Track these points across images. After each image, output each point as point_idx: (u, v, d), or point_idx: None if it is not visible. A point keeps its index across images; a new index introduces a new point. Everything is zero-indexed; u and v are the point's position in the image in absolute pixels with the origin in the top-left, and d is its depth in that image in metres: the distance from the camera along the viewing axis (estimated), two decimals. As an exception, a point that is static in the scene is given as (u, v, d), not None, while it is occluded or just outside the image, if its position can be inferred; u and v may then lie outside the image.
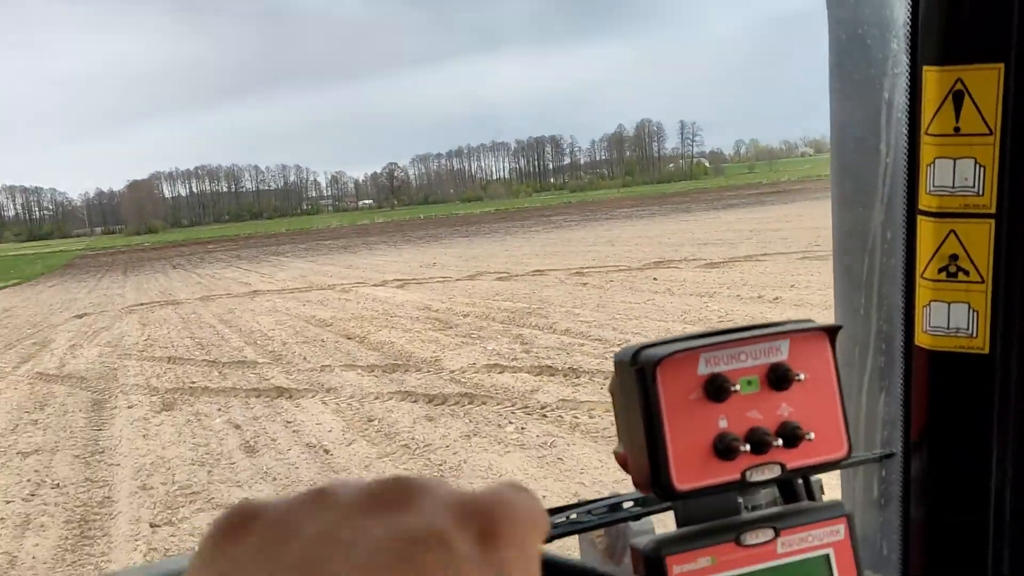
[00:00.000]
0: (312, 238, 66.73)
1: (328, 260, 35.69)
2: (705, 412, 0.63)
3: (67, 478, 6.09)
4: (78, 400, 8.70)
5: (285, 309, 16.81)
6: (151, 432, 7.15)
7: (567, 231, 40.78)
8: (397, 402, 7.51)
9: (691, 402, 0.63)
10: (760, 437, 0.63)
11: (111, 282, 34.40)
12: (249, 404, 7.88)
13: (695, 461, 0.62)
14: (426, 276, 22.16)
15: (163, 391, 8.82)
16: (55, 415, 8.06)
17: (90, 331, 16.05)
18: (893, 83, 0.84)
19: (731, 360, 0.64)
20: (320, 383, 8.47)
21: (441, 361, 9.20)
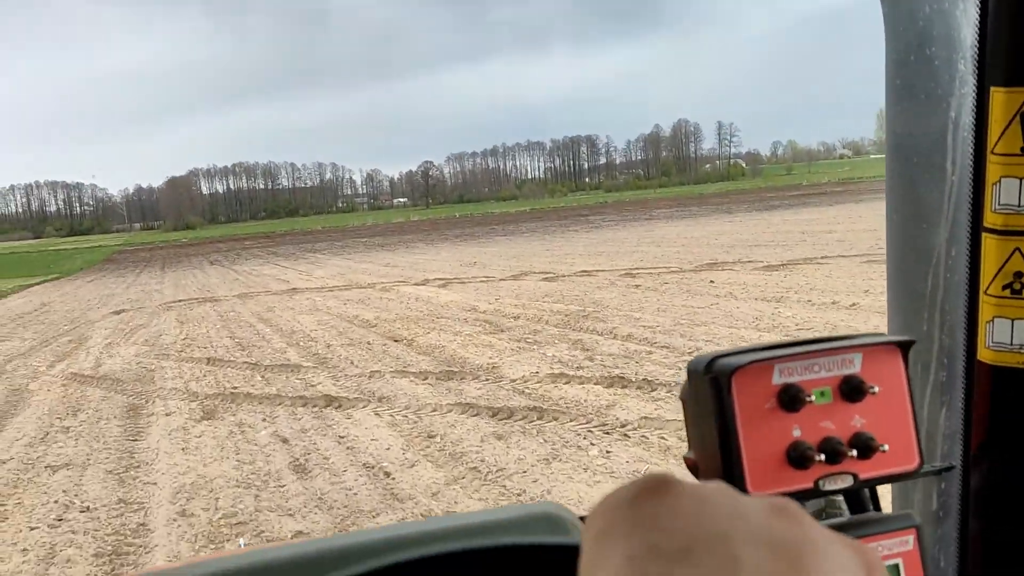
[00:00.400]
0: (348, 235, 66.60)
1: (366, 258, 35.25)
2: (779, 421, 0.64)
3: (98, 499, 5.47)
4: (113, 405, 8.13)
5: (326, 308, 16.23)
6: (191, 445, 6.52)
7: (608, 231, 40.02)
8: (458, 415, 6.81)
9: (765, 411, 0.64)
10: (834, 447, 0.64)
11: (149, 277, 34.24)
12: (296, 414, 7.23)
13: (769, 469, 0.63)
14: (468, 275, 21.52)
15: (203, 396, 8.22)
16: (88, 422, 7.48)
17: (127, 328, 15.60)
18: (960, 103, 0.85)
19: (805, 371, 0.65)
20: (371, 391, 7.80)
21: (499, 368, 8.49)
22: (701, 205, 64.48)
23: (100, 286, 31.42)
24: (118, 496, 5.51)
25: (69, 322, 17.94)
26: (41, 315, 20.40)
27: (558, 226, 50.66)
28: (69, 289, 31.08)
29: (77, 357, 12.01)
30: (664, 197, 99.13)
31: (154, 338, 13.64)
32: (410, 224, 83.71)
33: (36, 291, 31.63)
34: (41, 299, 26.78)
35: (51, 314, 20.51)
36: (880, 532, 0.66)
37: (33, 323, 18.42)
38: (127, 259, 57.54)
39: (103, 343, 13.49)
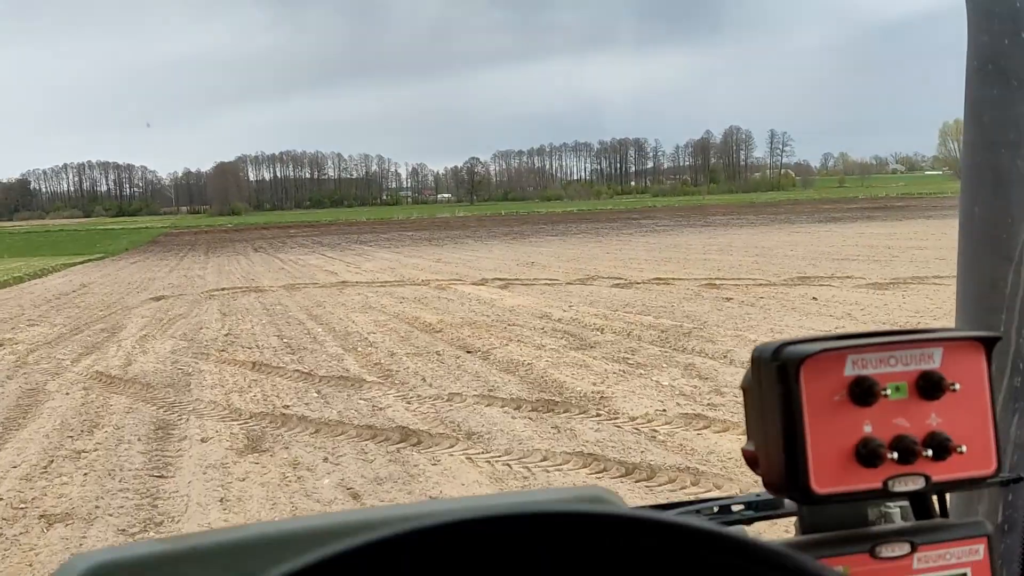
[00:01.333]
0: (393, 228, 65.42)
1: (414, 252, 33.85)
2: (849, 415, 0.61)
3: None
4: (139, 421, 6.66)
5: (380, 306, 14.74)
6: (232, 493, 4.96)
7: (665, 236, 38.22)
8: (581, 470, 5.19)
9: (835, 404, 0.61)
10: (908, 446, 0.61)
11: (192, 262, 33.19)
12: (366, 453, 5.66)
13: (835, 465, 0.60)
14: (529, 277, 19.92)
15: (247, 416, 6.71)
16: (105, 445, 5.99)
17: (165, 318, 14.25)
18: None
19: (880, 364, 0.62)
20: (457, 424, 6.22)
21: (610, 400, 6.86)
22: (757, 214, 62.39)
23: (142, 268, 30.41)
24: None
25: (105, 307, 16.69)
26: (78, 297, 19.23)
27: (610, 228, 48.99)
28: (111, 270, 30.11)
29: (106, 351, 10.63)
30: (715, 204, 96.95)
31: (193, 332, 12.24)
32: (455, 219, 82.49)
33: (78, 271, 30.72)
34: (82, 279, 25.75)
35: (88, 296, 19.32)
36: (948, 540, 0.62)
37: (68, 306, 17.21)
38: (172, 242, 56.94)
39: (137, 334, 12.12)
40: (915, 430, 0.61)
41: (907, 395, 0.62)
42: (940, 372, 0.62)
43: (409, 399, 7.10)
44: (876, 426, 0.61)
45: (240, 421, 6.53)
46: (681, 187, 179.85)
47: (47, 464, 5.42)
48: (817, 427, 0.60)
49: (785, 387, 0.60)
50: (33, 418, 6.88)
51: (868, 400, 0.61)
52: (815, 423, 0.60)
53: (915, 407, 0.62)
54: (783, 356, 0.60)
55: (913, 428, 0.61)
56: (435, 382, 7.80)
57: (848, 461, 0.61)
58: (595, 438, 5.80)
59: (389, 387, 7.66)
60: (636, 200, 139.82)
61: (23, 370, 9.36)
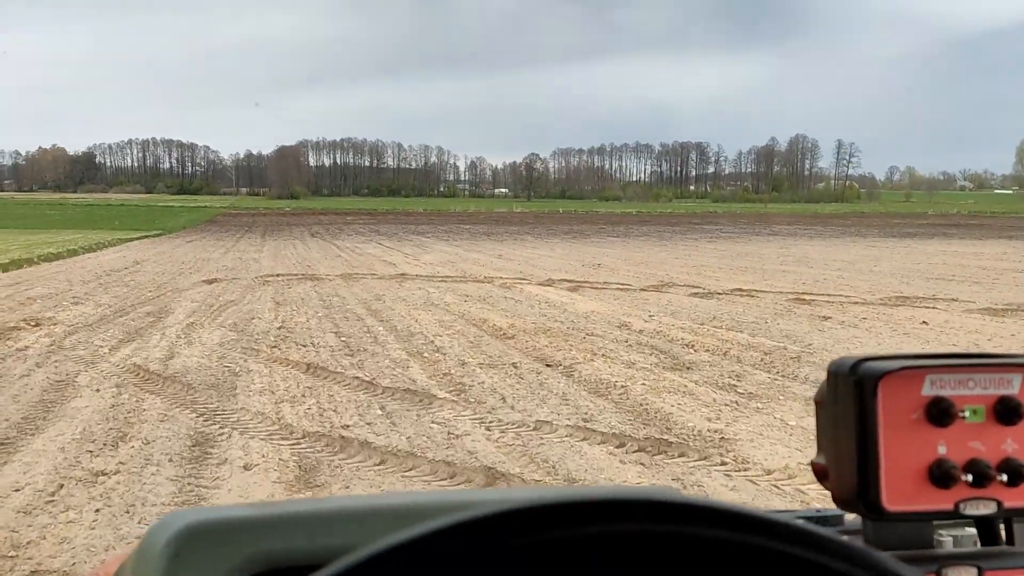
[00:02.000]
0: (451, 220, 64.58)
1: (474, 246, 32.82)
2: (924, 435, 0.60)
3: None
4: (173, 433, 5.63)
5: (444, 304, 13.69)
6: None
7: (732, 243, 36.62)
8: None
9: (911, 422, 0.60)
10: (982, 469, 0.60)
11: (249, 244, 32.64)
12: (442, 499, 4.58)
13: (908, 484, 0.60)
14: (598, 280, 18.71)
15: (299, 435, 5.64)
16: (129, 469, 4.87)
17: (216, 304, 13.38)
18: None
19: (958, 385, 0.61)
20: (552, 465, 5.05)
21: (733, 443, 5.65)
22: (824, 225, 60.17)
23: (198, 248, 29.92)
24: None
25: (155, 287, 15.93)
26: (129, 275, 18.57)
27: (672, 232, 47.45)
28: (166, 248, 29.68)
29: (149, 339, 9.71)
30: (778, 212, 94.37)
31: (244, 322, 11.30)
32: (513, 215, 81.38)
33: (134, 247, 30.37)
34: (136, 256, 25.27)
35: (140, 275, 18.66)
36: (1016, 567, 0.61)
37: (117, 284, 16.51)
38: (230, 222, 56.92)
39: (184, 321, 11.23)
40: (990, 454, 0.60)
41: (984, 419, 0.60)
42: (1018, 398, 0.61)
43: (489, 425, 5.97)
44: (951, 448, 0.60)
45: (291, 442, 5.46)
46: (742, 194, 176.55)
47: (55, 490, 4.38)
48: (891, 445, 0.59)
49: (861, 403, 0.59)
50: (53, 420, 5.90)
51: (944, 421, 0.60)
52: (890, 440, 0.59)
53: (991, 431, 0.60)
54: (861, 371, 0.59)
55: (988, 452, 0.60)
56: (517, 403, 6.65)
57: (921, 481, 0.59)
58: (731, 498, 4.60)
59: (464, 406, 6.53)
60: (696, 204, 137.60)
61: (55, 357, 8.46)
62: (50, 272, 19.10)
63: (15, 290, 15.18)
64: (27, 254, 24.18)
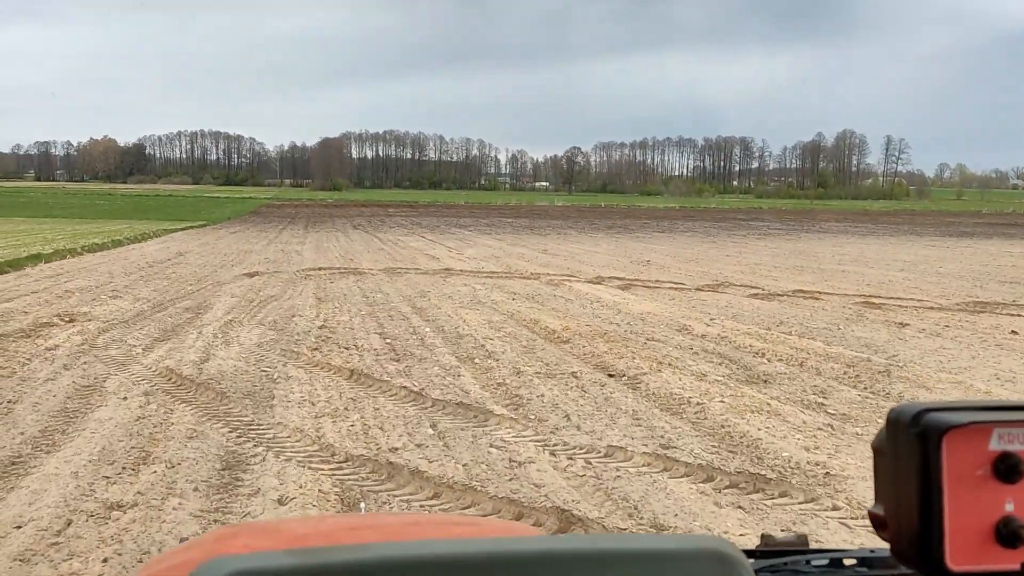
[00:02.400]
0: (492, 213, 64.00)
1: (517, 240, 32.16)
2: (991, 492, 0.58)
3: None
4: (201, 456, 5.00)
5: (491, 302, 13.03)
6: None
7: (782, 240, 35.45)
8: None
9: (977, 478, 0.58)
10: None
11: (291, 236, 32.33)
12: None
13: (973, 543, 0.58)
14: (650, 278, 17.91)
15: (341, 458, 5.00)
16: (149, 501, 4.19)
17: (256, 299, 12.87)
18: None
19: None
20: (635, 506, 4.32)
21: (840, 480, 4.88)
22: (874, 222, 58.36)
23: (241, 239, 29.67)
24: None
25: (195, 281, 15.51)
26: (170, 268, 18.22)
27: (719, 228, 46.27)
28: (210, 239, 29.47)
29: (184, 338, 9.18)
30: (825, 209, 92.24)
31: (284, 319, 10.75)
32: (555, 208, 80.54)
33: (178, 237, 30.22)
34: (179, 247, 25.03)
35: (181, 267, 18.30)
36: None
37: (157, 277, 16.13)
38: (273, 213, 56.95)
39: (223, 318, 10.71)
40: None
41: None
42: None
43: (555, 450, 5.27)
44: (1019, 505, 0.58)
45: (332, 468, 4.81)
46: (787, 190, 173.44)
47: (62, 528, 3.76)
48: (956, 501, 0.57)
49: (924, 457, 0.57)
50: (72, 435, 5.33)
51: (1013, 478, 0.57)
52: (954, 496, 0.57)
53: None
54: (924, 423, 0.58)
55: None
56: (583, 423, 5.94)
57: (987, 540, 0.57)
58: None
59: (524, 425, 5.84)
60: (740, 200, 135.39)
61: (85, 358, 7.95)
62: (93, 263, 18.84)
63: (55, 282, 14.85)
64: (72, 244, 24.06)
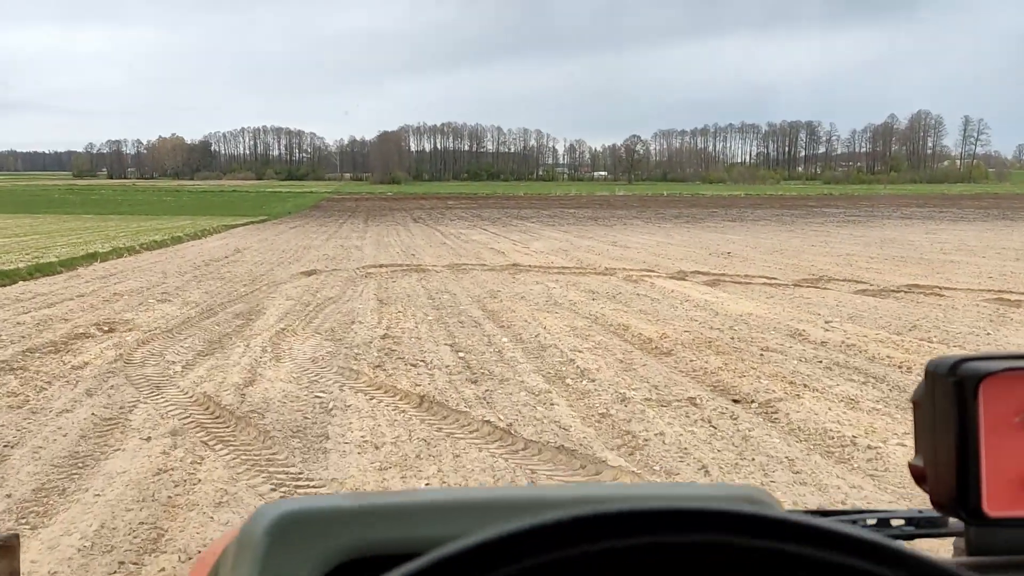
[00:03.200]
0: (553, 204, 62.59)
1: (583, 232, 30.73)
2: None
3: None
4: (228, 513, 3.81)
5: (569, 303, 11.71)
6: None
7: (865, 228, 33.28)
8: None
9: (1015, 425, 0.58)
10: None
11: (351, 230, 31.48)
12: None
13: (1010, 488, 0.58)
14: (737, 272, 16.36)
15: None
16: None
17: (313, 302, 11.78)
18: None
19: None
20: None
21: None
22: (959, 207, 55.05)
23: (300, 234, 28.90)
24: None
25: (250, 281, 14.53)
26: (227, 266, 17.33)
27: (792, 216, 44.07)
28: (270, 235, 28.76)
29: (231, 352, 8.06)
30: (900, 194, 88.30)
31: (343, 327, 9.59)
32: (616, 198, 78.71)
33: (238, 233, 29.60)
34: (238, 243, 24.29)
35: (237, 265, 17.40)
36: None
37: (211, 277, 15.20)
38: (333, 207, 56.52)
39: (275, 326, 9.60)
40: None
41: None
42: None
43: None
44: None
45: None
46: (857, 175, 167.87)
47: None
48: (993, 448, 0.57)
49: (962, 405, 0.57)
50: (69, 501, 4.07)
51: None
52: (991, 444, 0.57)
53: None
54: (961, 372, 0.57)
55: None
56: (729, 478, 4.58)
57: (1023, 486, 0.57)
58: None
59: (644, 475, 4.51)
60: (807, 186, 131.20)
61: (114, 380, 6.86)
62: (148, 262, 18.09)
63: (104, 284, 14.01)
64: (132, 242, 23.51)
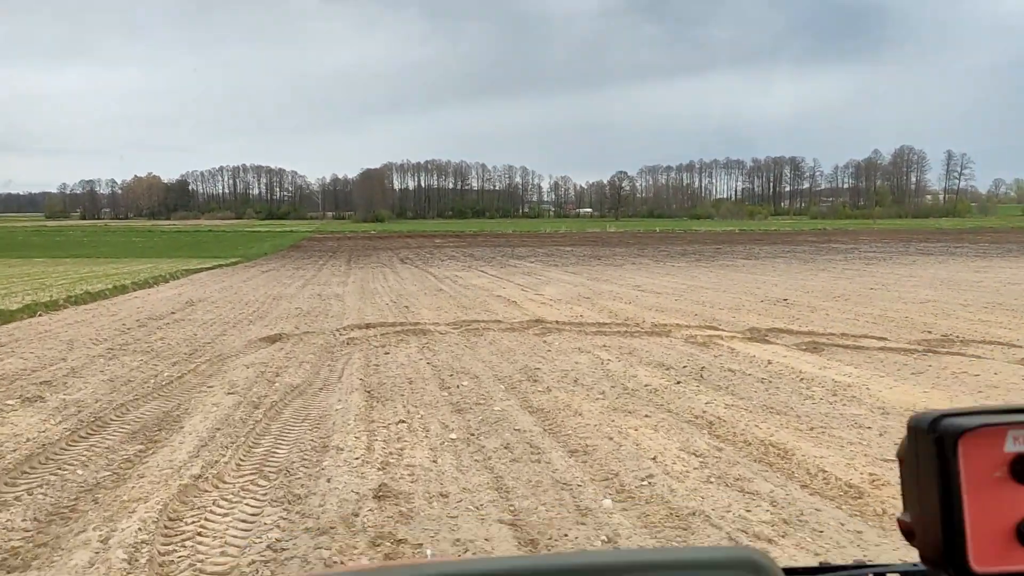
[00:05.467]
0: (546, 242, 59.04)
1: (594, 273, 27.02)
2: (1010, 493, 0.58)
3: None
4: None
5: (647, 390, 7.97)
6: None
7: (896, 265, 29.80)
8: None
9: (994, 480, 0.58)
10: None
11: (331, 274, 27.66)
12: None
13: (995, 544, 0.58)
14: (823, 329, 12.71)
15: None
16: None
17: (267, 400, 7.95)
18: None
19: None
20: None
21: None
22: (956, 242, 51.93)
23: (273, 280, 25.05)
24: None
25: (188, 354, 10.67)
26: (168, 327, 13.45)
27: (803, 253, 40.61)
28: (236, 280, 24.88)
29: (71, 556, 4.23)
30: (889, 229, 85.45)
31: (308, 466, 5.75)
32: (608, 235, 75.25)
33: (199, 279, 25.68)
34: (195, 293, 20.41)
35: (182, 326, 13.52)
36: None
37: (136, 348, 11.30)
38: (314, 247, 52.72)
39: (186, 470, 5.75)
40: None
41: None
42: None
43: None
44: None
45: None
46: (843, 210, 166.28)
47: None
48: (976, 504, 0.57)
49: (942, 461, 0.57)
50: None
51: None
52: (974, 499, 0.57)
53: None
54: (940, 428, 0.58)
55: None
56: None
57: (1008, 541, 0.57)
58: None
59: None
60: (796, 222, 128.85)
61: None
62: (65, 323, 14.15)
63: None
64: (65, 292, 19.55)
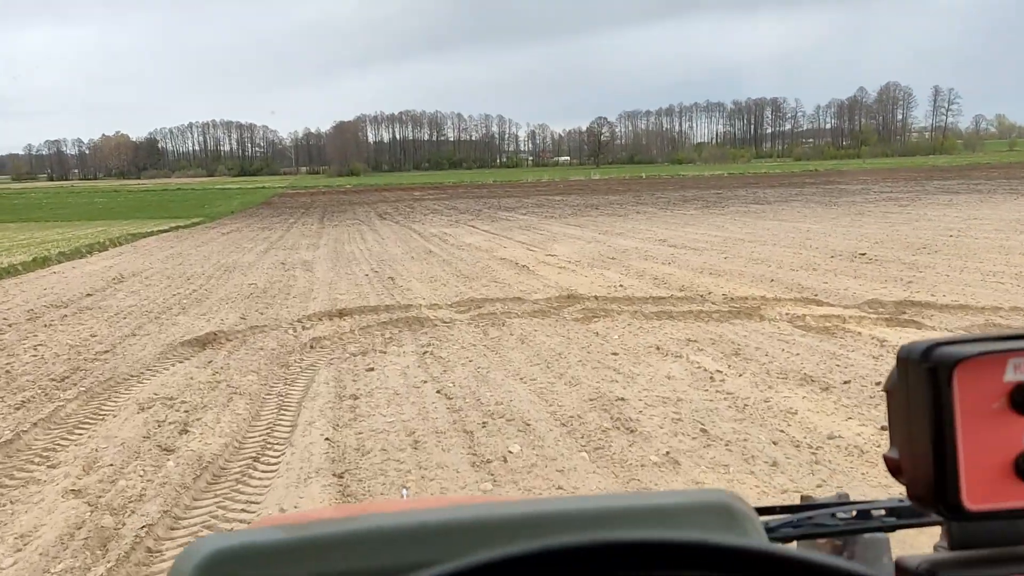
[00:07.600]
0: (532, 192, 55.06)
1: (601, 226, 23.34)
2: (1008, 425, 0.55)
3: None
4: None
5: (811, 441, 4.53)
6: None
7: (928, 207, 26.29)
8: None
9: (992, 412, 0.55)
10: None
11: (301, 235, 23.93)
12: None
13: (990, 479, 0.56)
14: (968, 297, 9.33)
15: None
16: None
17: (143, 502, 4.38)
18: None
19: None
20: None
21: None
22: (973, 179, 48.51)
23: (231, 244, 21.33)
24: None
25: (59, 378, 7.06)
26: (63, 323, 9.84)
27: (815, 194, 36.99)
28: (189, 246, 21.13)
29: None
30: (879, 168, 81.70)
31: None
32: (595, 183, 71.15)
33: (145, 246, 21.87)
34: (132, 264, 16.72)
35: (82, 323, 9.90)
36: None
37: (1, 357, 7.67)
38: (285, 204, 48.73)
39: None
40: None
41: None
42: None
43: None
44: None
45: None
46: (828, 150, 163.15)
47: None
48: (971, 437, 0.54)
49: (935, 392, 0.54)
50: None
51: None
52: (969, 433, 0.54)
53: None
54: (934, 358, 0.54)
55: None
56: None
57: (1005, 475, 0.55)
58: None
59: None
60: (781, 164, 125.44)
61: None
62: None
63: None
64: (-31, 269, 15.77)
